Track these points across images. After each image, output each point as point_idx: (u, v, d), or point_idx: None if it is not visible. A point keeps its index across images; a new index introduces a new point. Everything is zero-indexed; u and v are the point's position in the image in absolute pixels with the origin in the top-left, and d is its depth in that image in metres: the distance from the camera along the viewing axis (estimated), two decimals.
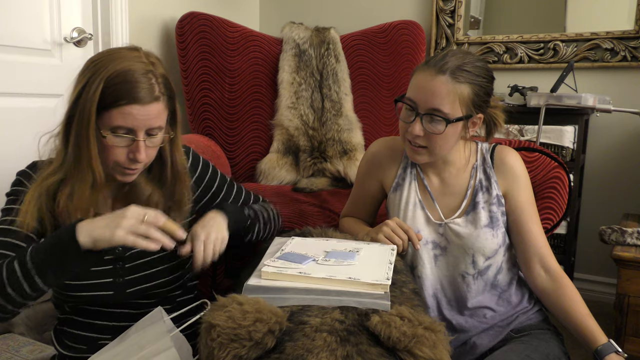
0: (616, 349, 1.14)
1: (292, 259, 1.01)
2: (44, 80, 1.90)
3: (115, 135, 1.04)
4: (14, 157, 1.80)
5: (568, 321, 1.21)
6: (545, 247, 1.26)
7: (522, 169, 1.29)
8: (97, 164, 1.05)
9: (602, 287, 2.42)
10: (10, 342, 1.60)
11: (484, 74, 1.21)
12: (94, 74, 1.02)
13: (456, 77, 1.16)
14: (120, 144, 1.04)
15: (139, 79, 1.02)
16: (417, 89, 1.20)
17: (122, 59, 1.04)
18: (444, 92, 1.16)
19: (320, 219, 1.74)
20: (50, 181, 1.06)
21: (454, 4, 2.59)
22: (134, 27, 2.17)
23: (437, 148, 1.22)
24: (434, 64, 1.18)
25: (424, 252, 1.29)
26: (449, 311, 1.30)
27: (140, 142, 1.04)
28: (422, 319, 0.84)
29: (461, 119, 1.19)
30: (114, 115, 1.02)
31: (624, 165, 2.36)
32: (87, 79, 1.02)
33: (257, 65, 2.27)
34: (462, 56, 1.20)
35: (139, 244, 0.95)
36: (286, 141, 2.17)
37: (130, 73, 1.02)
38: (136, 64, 1.04)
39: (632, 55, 2.28)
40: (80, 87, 1.03)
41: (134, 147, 1.05)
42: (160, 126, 1.07)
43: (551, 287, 1.24)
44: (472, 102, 1.19)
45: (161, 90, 1.06)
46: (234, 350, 0.79)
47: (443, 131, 1.18)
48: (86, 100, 1.01)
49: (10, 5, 1.77)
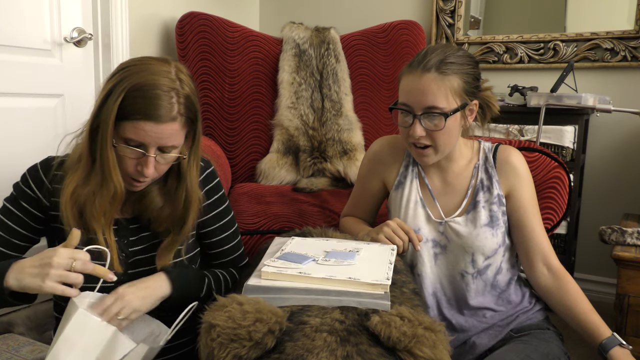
0: (620, 342, 1.14)
1: (292, 259, 1.01)
2: (44, 80, 1.90)
3: (127, 146, 1.03)
4: (14, 157, 1.80)
5: (571, 318, 1.22)
6: (547, 246, 1.27)
7: (525, 168, 1.29)
8: (118, 175, 1.04)
9: (602, 287, 2.42)
10: (10, 342, 1.60)
11: (468, 61, 1.22)
12: (119, 83, 1.01)
13: (443, 71, 1.17)
14: (131, 155, 1.03)
15: (160, 95, 1.00)
16: (407, 93, 1.21)
17: (149, 71, 1.02)
18: (435, 88, 1.17)
19: (320, 219, 1.74)
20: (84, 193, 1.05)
21: (454, 4, 2.59)
22: (134, 27, 2.17)
23: (441, 144, 1.22)
24: (417, 64, 1.19)
25: (424, 250, 1.29)
26: (449, 310, 1.30)
27: (150, 157, 1.03)
28: (422, 319, 0.84)
29: (458, 110, 1.19)
30: (128, 128, 1.01)
31: (624, 165, 2.36)
32: (112, 86, 1.01)
33: (257, 65, 2.27)
34: (442, 50, 1.20)
35: (67, 292, 0.94)
36: (286, 141, 2.17)
37: (152, 88, 1.00)
38: (162, 80, 1.02)
39: (632, 55, 2.28)
40: (105, 93, 1.02)
41: (143, 161, 1.03)
42: (174, 145, 1.05)
43: (554, 285, 1.24)
44: (464, 91, 1.19)
45: (180, 111, 1.03)
46: (234, 350, 0.79)
47: (444, 126, 1.18)
48: (107, 109, 1.01)
49: (10, 5, 1.77)
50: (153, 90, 1.00)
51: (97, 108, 1.03)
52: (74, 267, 0.94)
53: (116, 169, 1.03)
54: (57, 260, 0.93)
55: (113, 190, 1.04)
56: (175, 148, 1.07)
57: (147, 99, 0.99)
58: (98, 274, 0.97)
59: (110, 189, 1.04)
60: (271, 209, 1.78)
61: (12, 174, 1.18)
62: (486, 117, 1.31)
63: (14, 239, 1.12)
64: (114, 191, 1.04)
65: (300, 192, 2.00)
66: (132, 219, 1.16)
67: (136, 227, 1.16)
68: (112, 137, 1.01)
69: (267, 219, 1.72)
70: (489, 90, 1.29)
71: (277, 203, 1.84)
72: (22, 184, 1.13)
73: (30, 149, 1.85)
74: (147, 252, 1.16)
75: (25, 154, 1.80)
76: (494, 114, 1.30)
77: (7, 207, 1.13)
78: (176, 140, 1.05)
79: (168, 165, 1.09)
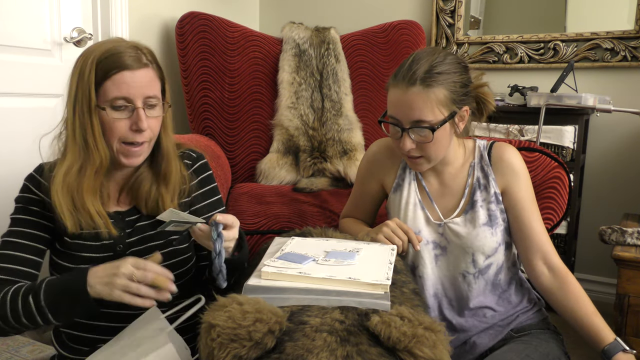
0: (623, 348, 1.13)
1: (292, 259, 1.01)
2: (44, 80, 1.90)
3: (115, 108, 1.07)
4: (14, 157, 1.80)
5: (574, 320, 1.20)
6: (547, 244, 1.25)
7: (520, 165, 1.27)
8: (102, 145, 1.08)
9: (602, 287, 2.42)
10: (10, 342, 1.60)
11: (455, 69, 1.19)
12: (85, 61, 1.08)
13: (428, 84, 1.15)
14: (121, 115, 1.07)
15: (125, 50, 1.08)
16: (394, 106, 1.20)
17: (107, 42, 1.11)
18: (421, 103, 1.15)
19: (320, 219, 1.74)
20: (71, 177, 1.08)
21: (454, 4, 2.59)
22: (134, 27, 2.17)
23: (432, 154, 1.22)
24: (402, 76, 1.17)
25: (425, 252, 1.28)
26: (450, 311, 1.30)
27: (140, 109, 1.07)
28: (422, 319, 0.84)
29: (445, 121, 1.18)
30: (109, 88, 1.06)
31: (624, 165, 2.36)
32: (80, 68, 1.08)
33: (257, 65, 2.27)
34: (428, 59, 1.17)
35: (134, 302, 0.97)
36: (286, 141, 2.17)
37: (117, 48, 1.08)
38: (121, 42, 1.11)
39: (632, 55, 2.28)
40: (76, 77, 1.08)
41: (135, 117, 1.08)
42: (155, 95, 1.11)
43: (555, 285, 1.22)
44: (451, 100, 1.17)
45: (149, 59, 1.11)
46: (234, 351, 0.79)
47: (432, 138, 1.17)
48: (83, 84, 1.06)
49: (10, 5, 1.77)
50: (119, 50, 1.08)
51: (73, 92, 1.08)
52: (135, 276, 0.96)
53: (100, 138, 1.07)
54: (122, 269, 0.97)
55: (98, 162, 1.08)
56: (158, 100, 1.12)
57: (116, 56, 1.07)
58: (159, 284, 0.98)
59: (95, 161, 1.08)
60: (271, 209, 1.78)
61: (12, 173, 1.19)
62: (483, 114, 1.28)
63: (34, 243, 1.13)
64: (99, 162, 1.08)
65: (300, 192, 2.00)
66: (127, 212, 1.18)
67: (132, 219, 1.18)
68: (97, 105, 1.06)
69: (267, 219, 1.72)
70: (485, 86, 1.26)
71: (277, 203, 1.84)
72: (23, 192, 1.15)
73: (30, 149, 1.84)
74: (144, 243, 1.17)
75: (25, 154, 1.79)
76: (490, 111, 1.27)
77: (16, 218, 1.14)
78: (156, 89, 1.11)
79: (158, 120, 1.13)
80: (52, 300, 0.99)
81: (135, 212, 1.18)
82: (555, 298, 1.23)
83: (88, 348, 1.14)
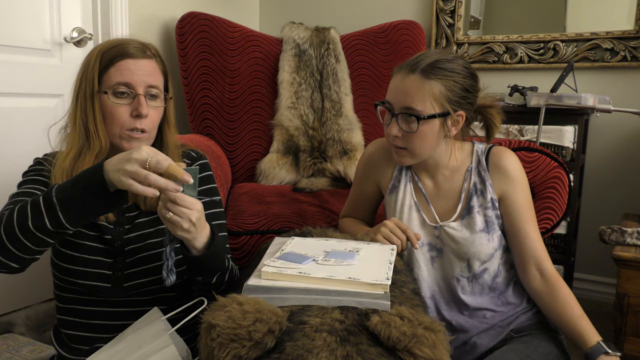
0: (605, 350, 1.11)
1: (292, 259, 1.01)
2: (44, 80, 1.90)
3: (116, 94, 1.10)
4: (14, 157, 1.80)
5: (560, 324, 1.21)
6: (541, 250, 1.25)
7: (518, 171, 1.26)
8: (102, 131, 1.10)
9: (602, 287, 2.42)
10: (10, 342, 1.61)
11: (459, 70, 1.19)
12: (91, 54, 1.13)
13: (427, 75, 1.16)
14: (123, 101, 1.10)
15: (131, 42, 1.13)
16: (391, 90, 1.22)
17: (115, 39, 1.18)
18: (414, 90, 1.17)
19: (320, 219, 1.74)
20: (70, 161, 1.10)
21: (454, 4, 2.59)
22: (134, 27, 2.17)
23: (416, 148, 1.21)
24: (407, 65, 1.19)
25: (420, 254, 1.28)
26: (448, 312, 1.29)
27: (141, 96, 1.10)
28: (422, 319, 0.84)
29: (434, 117, 1.18)
30: (112, 74, 1.10)
31: (624, 165, 2.36)
32: (86, 60, 1.13)
33: (257, 65, 2.27)
34: (437, 55, 1.19)
35: (137, 189, 0.89)
36: (286, 141, 2.17)
37: (123, 40, 1.14)
38: (128, 38, 1.17)
39: (632, 55, 2.28)
40: (82, 68, 1.13)
41: (136, 103, 1.10)
42: (157, 85, 1.13)
43: (545, 289, 1.22)
44: (445, 99, 1.17)
45: (153, 52, 1.15)
46: (234, 350, 0.79)
47: (417, 129, 1.17)
48: (88, 73, 1.11)
49: (10, 5, 1.77)
50: (124, 42, 1.13)
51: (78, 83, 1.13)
52: (148, 163, 0.90)
53: (101, 124, 1.10)
54: (135, 155, 0.90)
55: (98, 148, 1.10)
56: (160, 91, 1.14)
57: (122, 46, 1.12)
58: (172, 172, 0.91)
59: (95, 147, 1.10)
60: (271, 209, 1.78)
61: (12, 173, 1.20)
62: (490, 134, 1.31)
63: None
64: (98, 148, 1.10)
65: (300, 192, 2.00)
66: (127, 207, 1.18)
67: (132, 215, 1.18)
68: (98, 90, 1.10)
69: (267, 219, 1.72)
70: (495, 108, 1.27)
71: (277, 203, 1.84)
72: (31, 166, 1.18)
73: (31, 149, 1.85)
74: (142, 240, 1.16)
75: (26, 154, 1.80)
76: (494, 133, 1.30)
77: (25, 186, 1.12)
78: (158, 79, 1.14)
79: (159, 111, 1.15)
80: (64, 196, 0.93)
81: (135, 208, 1.19)
82: (544, 301, 1.23)
83: (88, 347, 1.14)
